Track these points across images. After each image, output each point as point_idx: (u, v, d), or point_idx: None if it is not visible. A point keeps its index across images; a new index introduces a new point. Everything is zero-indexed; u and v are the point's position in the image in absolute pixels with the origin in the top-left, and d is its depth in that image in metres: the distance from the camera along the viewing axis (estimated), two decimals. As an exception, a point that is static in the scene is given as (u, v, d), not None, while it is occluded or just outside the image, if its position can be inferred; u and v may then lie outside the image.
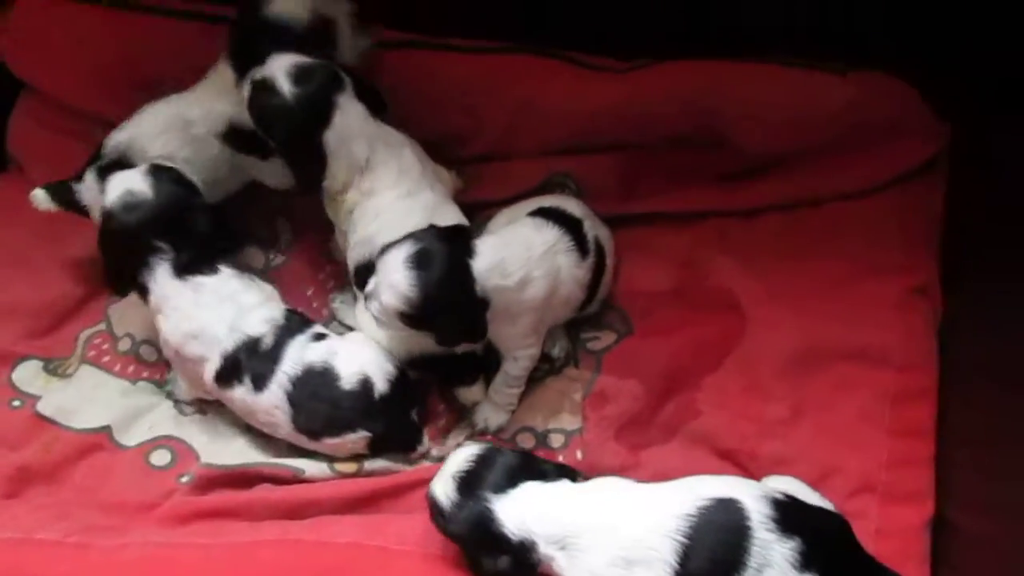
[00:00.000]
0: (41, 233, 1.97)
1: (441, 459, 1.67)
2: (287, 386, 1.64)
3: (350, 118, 1.65)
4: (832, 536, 1.33)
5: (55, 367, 1.88)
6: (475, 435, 1.74)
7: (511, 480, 1.38)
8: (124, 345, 1.90)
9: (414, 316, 1.53)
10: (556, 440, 1.72)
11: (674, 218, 1.84)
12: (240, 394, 1.67)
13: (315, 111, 1.63)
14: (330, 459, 1.69)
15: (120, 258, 1.71)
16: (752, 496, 1.31)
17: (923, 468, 1.54)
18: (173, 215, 1.66)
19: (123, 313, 1.92)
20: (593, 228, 1.73)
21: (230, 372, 1.66)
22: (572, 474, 1.45)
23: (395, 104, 1.78)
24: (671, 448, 1.64)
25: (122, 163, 1.82)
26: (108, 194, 1.68)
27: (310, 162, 1.67)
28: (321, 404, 1.65)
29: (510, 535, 1.35)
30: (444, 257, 1.52)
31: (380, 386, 1.66)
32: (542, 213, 1.69)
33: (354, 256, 1.72)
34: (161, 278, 1.66)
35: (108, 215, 1.67)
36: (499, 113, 1.89)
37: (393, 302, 1.52)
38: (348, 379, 1.65)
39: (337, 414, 1.65)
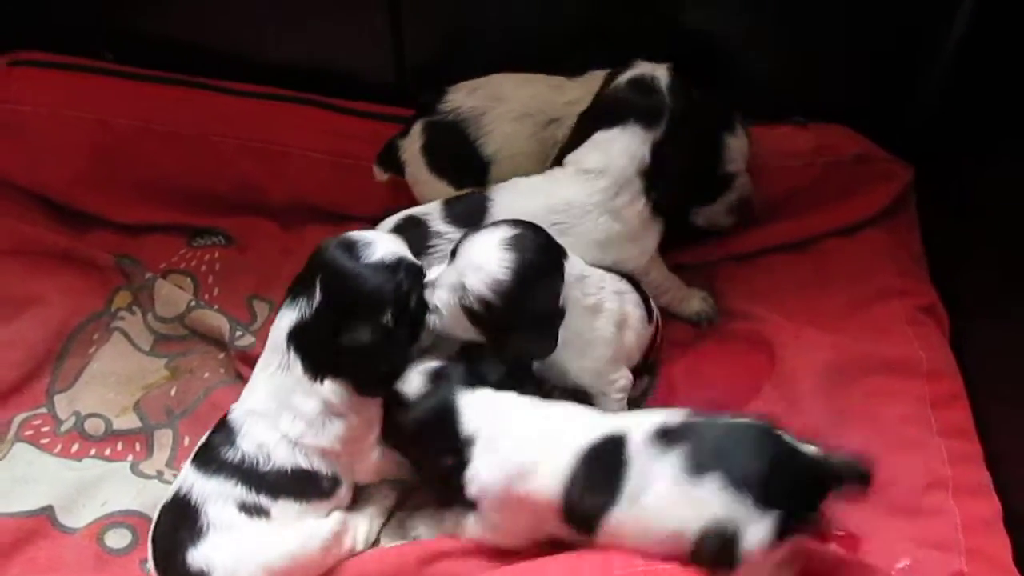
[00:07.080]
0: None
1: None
2: None
3: None
4: None
5: (-20, 456, 1.57)
6: None
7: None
8: (67, 425, 1.62)
9: (494, 309, 1.34)
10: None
11: (677, 270, 1.81)
12: None
13: None
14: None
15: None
16: None
17: (980, 465, 1.48)
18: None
19: (75, 395, 1.66)
20: (655, 305, 1.66)
21: None
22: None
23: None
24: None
25: (454, 128, 1.66)
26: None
27: None
28: None
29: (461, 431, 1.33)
30: (542, 244, 1.37)
31: None
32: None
33: None
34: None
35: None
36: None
37: (478, 287, 1.33)
38: None
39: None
